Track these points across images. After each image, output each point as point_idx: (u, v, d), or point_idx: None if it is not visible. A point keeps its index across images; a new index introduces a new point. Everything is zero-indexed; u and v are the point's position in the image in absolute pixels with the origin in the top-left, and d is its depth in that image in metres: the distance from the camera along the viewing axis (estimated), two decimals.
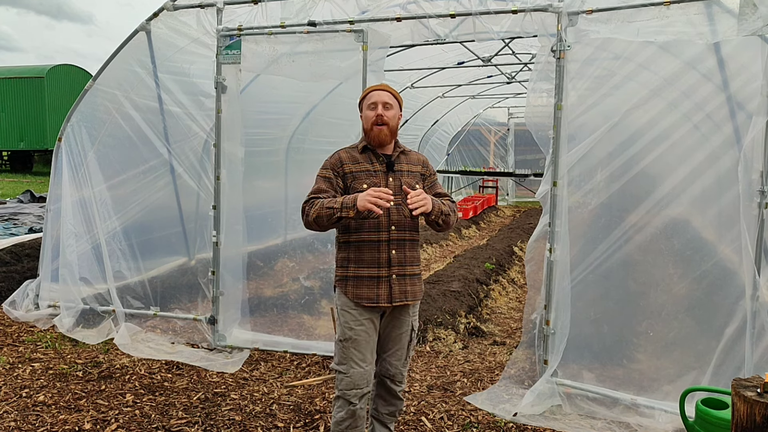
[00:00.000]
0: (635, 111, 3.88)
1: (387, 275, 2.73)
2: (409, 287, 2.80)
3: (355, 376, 2.72)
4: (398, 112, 2.83)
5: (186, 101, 5.11)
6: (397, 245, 2.74)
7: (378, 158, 2.80)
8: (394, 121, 2.79)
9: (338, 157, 2.83)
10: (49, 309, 5.29)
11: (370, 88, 2.87)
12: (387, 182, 2.76)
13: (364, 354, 2.73)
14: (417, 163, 2.90)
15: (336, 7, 4.42)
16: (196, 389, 3.94)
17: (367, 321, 2.75)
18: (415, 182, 2.82)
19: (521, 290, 6.98)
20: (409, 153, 2.91)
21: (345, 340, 2.74)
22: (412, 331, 2.89)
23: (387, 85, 2.87)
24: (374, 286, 2.73)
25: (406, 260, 2.78)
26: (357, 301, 2.74)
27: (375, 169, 2.78)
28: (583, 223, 3.94)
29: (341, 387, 2.74)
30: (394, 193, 2.72)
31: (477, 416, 3.60)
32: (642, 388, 3.69)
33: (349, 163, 2.79)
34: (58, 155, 5.41)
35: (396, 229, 2.74)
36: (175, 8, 4.83)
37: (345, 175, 2.77)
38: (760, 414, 1.75)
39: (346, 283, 2.78)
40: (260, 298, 5.58)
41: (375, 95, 2.80)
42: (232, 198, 4.70)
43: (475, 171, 16.07)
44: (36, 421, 3.43)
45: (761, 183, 3.22)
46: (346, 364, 2.73)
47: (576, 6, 3.72)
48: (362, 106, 2.87)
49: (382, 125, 2.75)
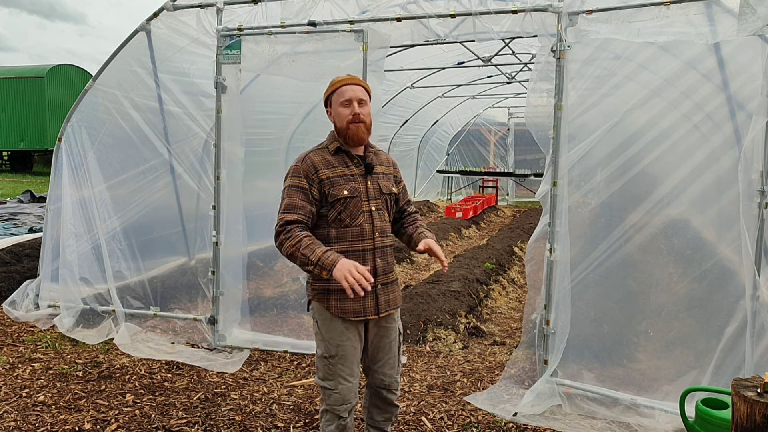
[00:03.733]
0: (635, 111, 3.88)
1: (373, 286, 2.53)
2: (392, 295, 2.68)
3: (344, 391, 2.60)
4: (370, 107, 2.65)
5: (186, 101, 5.11)
6: (382, 253, 2.61)
7: (353, 160, 2.62)
8: (369, 118, 2.62)
9: (310, 163, 2.57)
10: (49, 309, 5.29)
11: (340, 82, 2.61)
12: (366, 186, 2.60)
13: (351, 368, 2.61)
14: (388, 164, 2.77)
15: (336, 7, 4.43)
16: (196, 389, 3.94)
17: (353, 335, 2.61)
18: (391, 185, 2.70)
19: (521, 290, 6.98)
20: (379, 153, 2.76)
21: (331, 357, 2.59)
22: (399, 335, 2.78)
23: (356, 77, 2.65)
24: (360, 298, 2.52)
25: (388, 268, 2.66)
26: (342, 316, 2.57)
27: (352, 173, 2.59)
28: (583, 223, 3.94)
29: (330, 402, 2.62)
30: (376, 197, 2.60)
31: (477, 416, 3.60)
32: (642, 388, 3.69)
33: (323, 168, 2.56)
34: (58, 155, 5.41)
35: (380, 236, 2.60)
36: (175, 8, 4.83)
37: (321, 181, 2.55)
38: (760, 414, 1.76)
39: (329, 297, 2.58)
40: (260, 298, 5.59)
41: (348, 91, 2.57)
42: (232, 198, 4.70)
43: (475, 171, 16.08)
44: (36, 421, 3.43)
45: (761, 183, 3.22)
46: (333, 380, 2.60)
47: (576, 6, 3.72)
48: (331, 101, 2.64)
49: (360, 123, 2.57)
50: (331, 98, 2.65)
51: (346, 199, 2.55)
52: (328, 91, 2.65)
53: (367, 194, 2.60)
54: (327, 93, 2.66)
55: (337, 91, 2.60)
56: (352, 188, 2.56)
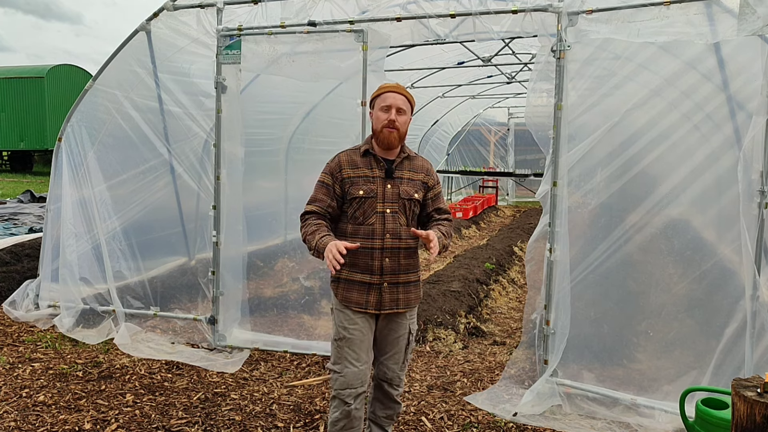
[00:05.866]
0: (635, 111, 3.88)
1: (378, 283, 2.71)
2: (402, 295, 2.77)
3: (350, 375, 2.71)
4: (409, 117, 2.79)
5: (186, 101, 5.11)
6: (391, 253, 2.72)
7: (378, 163, 2.76)
8: (404, 127, 2.76)
9: (338, 161, 2.79)
10: (49, 309, 5.29)
11: (386, 88, 2.78)
12: (384, 189, 2.72)
13: (358, 354, 2.72)
14: (420, 171, 2.84)
15: (336, 7, 4.43)
16: (196, 389, 3.94)
17: (361, 320, 2.74)
18: (414, 191, 2.77)
19: (521, 290, 6.98)
20: (414, 158, 2.85)
21: (339, 339, 2.75)
22: (409, 335, 2.86)
23: (403, 87, 2.80)
24: (364, 291, 2.72)
25: (400, 268, 2.75)
26: (346, 304, 2.76)
27: (374, 175, 2.74)
28: (583, 223, 3.94)
29: (336, 387, 2.74)
30: (392, 201, 2.72)
31: (477, 416, 3.60)
32: (642, 388, 3.69)
33: (347, 168, 2.75)
34: (58, 155, 5.41)
35: (390, 237, 2.71)
36: (175, 8, 4.83)
37: (343, 180, 2.75)
38: (760, 414, 1.76)
39: (338, 285, 2.79)
40: (260, 298, 5.59)
41: (390, 98, 2.73)
42: (232, 198, 4.70)
43: (475, 171, 16.07)
44: (36, 421, 3.43)
45: (761, 183, 3.22)
46: (341, 363, 2.73)
47: (576, 6, 3.72)
48: (374, 104, 2.80)
49: (393, 129, 2.71)
50: (375, 101, 2.81)
51: (362, 199, 2.72)
52: (374, 94, 2.83)
53: (384, 197, 2.72)
54: (373, 96, 2.84)
55: (381, 96, 2.77)
56: (368, 189, 2.72)
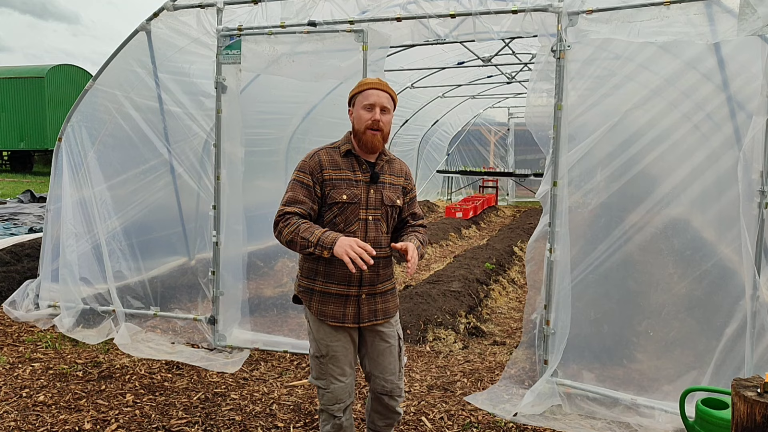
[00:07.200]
0: (635, 111, 3.88)
1: (356, 294, 2.55)
2: (380, 305, 2.62)
3: (337, 390, 2.59)
4: (392, 116, 2.59)
5: (186, 101, 5.11)
6: (372, 263, 2.48)
7: (361, 166, 2.56)
8: (388, 126, 2.56)
9: (318, 160, 2.55)
10: (49, 309, 5.29)
11: (368, 84, 2.55)
12: (368, 194, 2.54)
13: (342, 368, 2.59)
14: (400, 175, 2.68)
15: (336, 7, 4.42)
16: (196, 389, 3.94)
17: (343, 336, 2.59)
18: (396, 197, 2.62)
19: (521, 290, 6.98)
20: (392, 161, 2.68)
21: (322, 356, 2.58)
22: (399, 340, 2.72)
23: (385, 83, 2.59)
24: (341, 304, 2.54)
25: (378, 278, 2.59)
26: (321, 318, 2.57)
27: (357, 179, 2.53)
28: (583, 223, 3.94)
29: (323, 402, 2.62)
30: (375, 207, 2.55)
31: (477, 416, 3.60)
32: (642, 388, 3.69)
33: (329, 169, 2.53)
34: (58, 155, 5.41)
35: (372, 246, 2.48)
36: (175, 8, 4.83)
37: (324, 182, 2.52)
38: (760, 414, 1.76)
39: (311, 297, 2.59)
40: (260, 298, 5.59)
41: (373, 95, 2.51)
42: (232, 198, 4.70)
43: (475, 171, 16.07)
44: (36, 421, 3.43)
45: (761, 183, 3.22)
46: (325, 379, 2.60)
47: (576, 6, 3.72)
48: (355, 101, 2.58)
49: (377, 131, 2.51)
50: (355, 98, 2.59)
51: (344, 204, 2.52)
52: (354, 91, 2.60)
53: (367, 203, 2.55)
54: (352, 92, 2.61)
55: (363, 93, 2.55)
56: (352, 194, 2.52)
